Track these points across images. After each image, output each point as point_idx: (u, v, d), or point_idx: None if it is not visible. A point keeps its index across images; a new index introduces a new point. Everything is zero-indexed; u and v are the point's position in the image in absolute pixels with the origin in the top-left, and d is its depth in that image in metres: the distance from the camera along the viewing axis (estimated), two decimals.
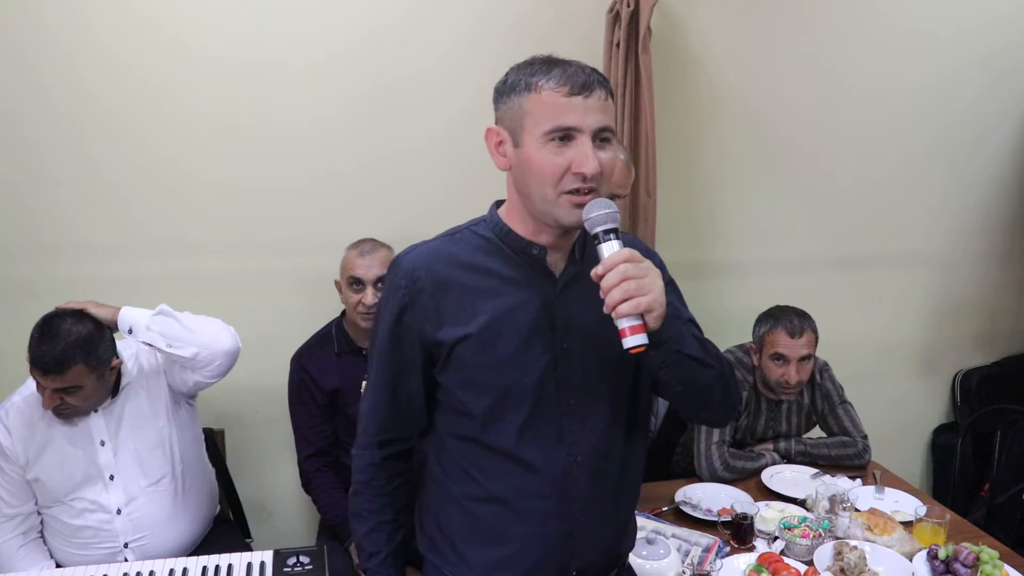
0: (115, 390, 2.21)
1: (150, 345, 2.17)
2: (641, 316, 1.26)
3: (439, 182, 2.86)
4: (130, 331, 2.16)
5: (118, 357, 2.17)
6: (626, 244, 1.32)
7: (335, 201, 2.82)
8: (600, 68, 2.80)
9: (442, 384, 1.48)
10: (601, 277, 1.28)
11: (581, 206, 1.32)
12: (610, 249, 1.30)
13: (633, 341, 1.27)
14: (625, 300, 1.25)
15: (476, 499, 1.49)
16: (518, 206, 1.42)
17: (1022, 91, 3.45)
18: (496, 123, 1.41)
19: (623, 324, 1.27)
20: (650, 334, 1.28)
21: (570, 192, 1.32)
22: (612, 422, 1.51)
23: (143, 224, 2.70)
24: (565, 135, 1.31)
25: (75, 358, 2.01)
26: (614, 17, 2.78)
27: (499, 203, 1.51)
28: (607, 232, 1.31)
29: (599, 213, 1.30)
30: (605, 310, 1.27)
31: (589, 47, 2.86)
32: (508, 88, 1.37)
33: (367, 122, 2.80)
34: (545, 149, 1.32)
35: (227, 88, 2.67)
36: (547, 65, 1.34)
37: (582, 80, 1.32)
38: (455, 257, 1.45)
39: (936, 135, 3.40)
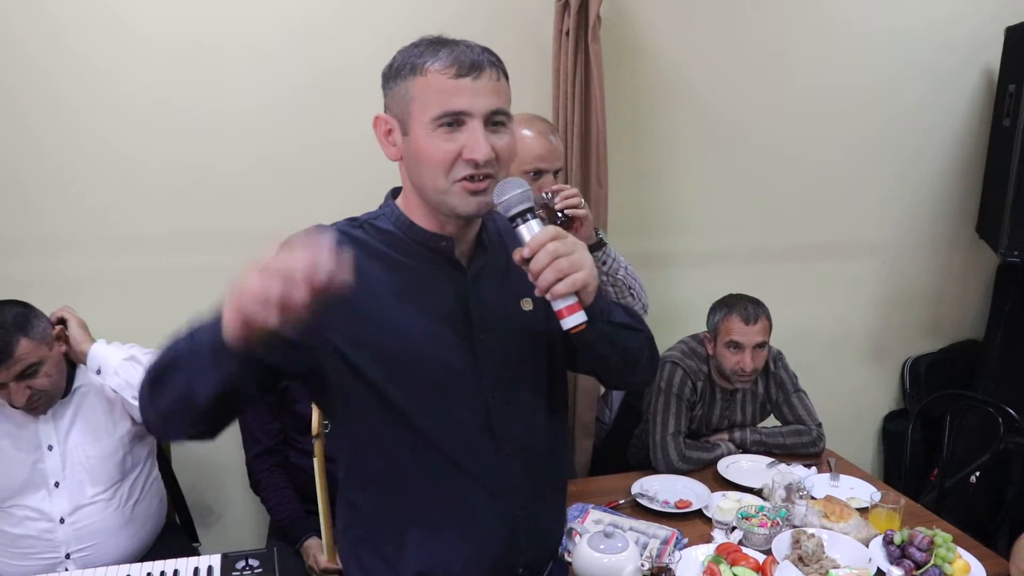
0: (67, 390, 2.13)
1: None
2: (576, 294, 1.21)
3: (390, 171, 2.80)
4: (98, 371, 2.10)
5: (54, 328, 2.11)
6: None
7: (285, 190, 2.74)
8: (549, 57, 2.83)
9: (347, 394, 1.34)
10: (527, 260, 1.21)
11: (476, 193, 1.26)
12: (530, 230, 1.24)
13: (573, 321, 1.22)
14: (559, 280, 1.19)
15: (408, 521, 1.39)
16: (416, 198, 1.34)
17: (966, 89, 3.52)
18: (384, 110, 1.32)
19: (559, 305, 1.22)
20: (586, 310, 1.24)
21: (463, 179, 1.25)
22: (536, 409, 1.46)
23: (76, 215, 2.61)
24: (455, 120, 1.23)
25: (15, 335, 1.97)
26: (563, 5, 2.75)
27: (395, 192, 1.42)
28: (523, 213, 1.24)
29: (512, 194, 1.24)
30: (537, 293, 1.22)
31: (537, 36, 2.83)
32: (394, 72, 1.29)
33: (311, 110, 2.73)
34: (434, 136, 1.24)
35: (171, 72, 2.58)
36: (434, 46, 1.26)
37: (471, 60, 1.23)
38: (365, 245, 1.34)
39: (885, 127, 3.44)
